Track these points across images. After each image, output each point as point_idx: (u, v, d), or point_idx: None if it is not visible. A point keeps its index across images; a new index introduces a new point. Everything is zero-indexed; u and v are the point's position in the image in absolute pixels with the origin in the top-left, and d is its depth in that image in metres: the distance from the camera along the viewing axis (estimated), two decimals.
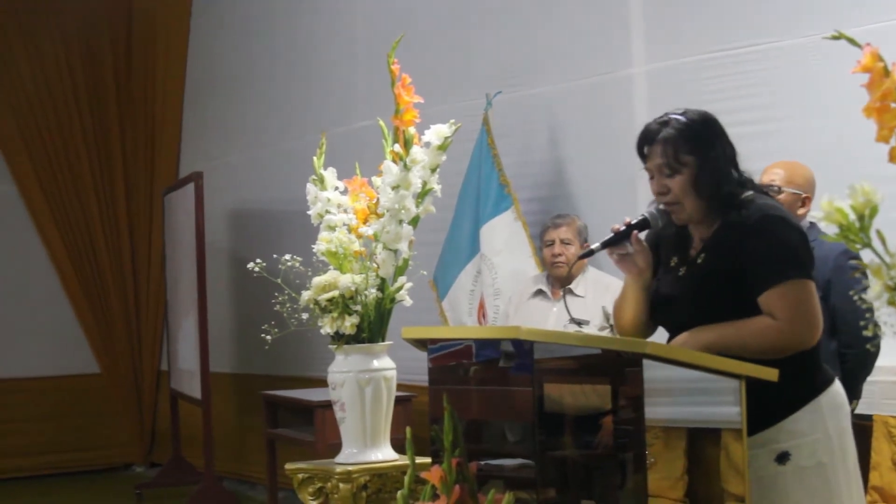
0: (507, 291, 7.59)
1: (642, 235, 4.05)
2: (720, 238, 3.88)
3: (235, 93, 11.89)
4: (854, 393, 5.61)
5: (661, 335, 4.12)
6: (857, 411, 5.78)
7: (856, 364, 5.51)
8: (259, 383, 10.60)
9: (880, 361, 5.56)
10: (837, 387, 3.93)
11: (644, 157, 3.97)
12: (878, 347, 5.44)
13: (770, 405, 3.64)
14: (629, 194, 7.02)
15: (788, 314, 3.72)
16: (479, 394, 4.00)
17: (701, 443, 5.33)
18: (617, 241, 3.99)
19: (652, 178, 3.95)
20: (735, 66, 6.73)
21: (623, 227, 4.00)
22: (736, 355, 3.68)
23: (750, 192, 3.93)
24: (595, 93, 7.74)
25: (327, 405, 8.40)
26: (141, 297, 13.26)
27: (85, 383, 13.05)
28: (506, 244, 7.73)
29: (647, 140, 3.96)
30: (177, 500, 10.41)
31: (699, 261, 3.92)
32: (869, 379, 5.68)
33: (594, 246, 4.02)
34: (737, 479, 3.74)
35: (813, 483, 3.77)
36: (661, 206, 3.99)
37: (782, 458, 3.75)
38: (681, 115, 3.95)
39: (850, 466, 3.88)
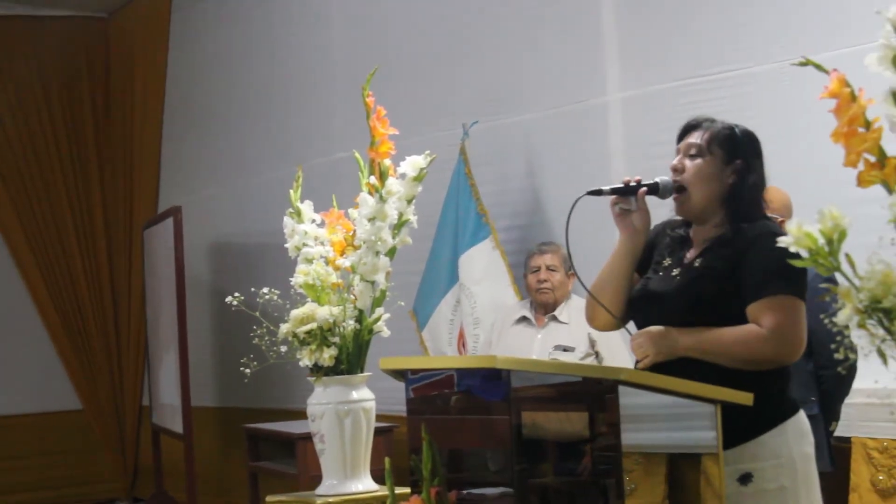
0: (486, 320, 7.61)
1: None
2: (722, 243, 3.91)
3: (213, 125, 11.91)
4: (832, 414, 5.64)
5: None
6: (836, 433, 5.80)
7: (833, 385, 5.54)
8: (241, 416, 10.59)
9: (857, 384, 5.58)
10: (803, 415, 3.95)
11: (680, 140, 4.03)
12: (851, 370, 5.45)
13: (737, 426, 3.65)
14: (603, 223, 7.05)
15: (776, 326, 3.74)
16: (458, 423, 4.01)
17: (681, 468, 5.34)
18: (625, 192, 3.99)
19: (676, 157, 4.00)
20: (708, 93, 6.76)
21: (633, 183, 4.00)
22: (714, 361, 3.73)
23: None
24: (571, 120, 7.76)
25: (309, 437, 8.42)
26: (122, 333, 13.24)
27: (67, 420, 13.02)
28: (484, 273, 7.75)
29: (693, 126, 4.02)
30: None
31: (696, 263, 3.94)
32: (847, 401, 5.71)
33: (604, 188, 4.01)
34: (716, 503, 3.76)
35: None
36: (673, 182, 4.00)
37: (745, 479, 3.78)
38: (733, 123, 4.02)
39: (813, 494, 3.90)
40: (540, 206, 7.91)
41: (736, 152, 3.95)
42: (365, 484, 4.57)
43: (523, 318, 7.16)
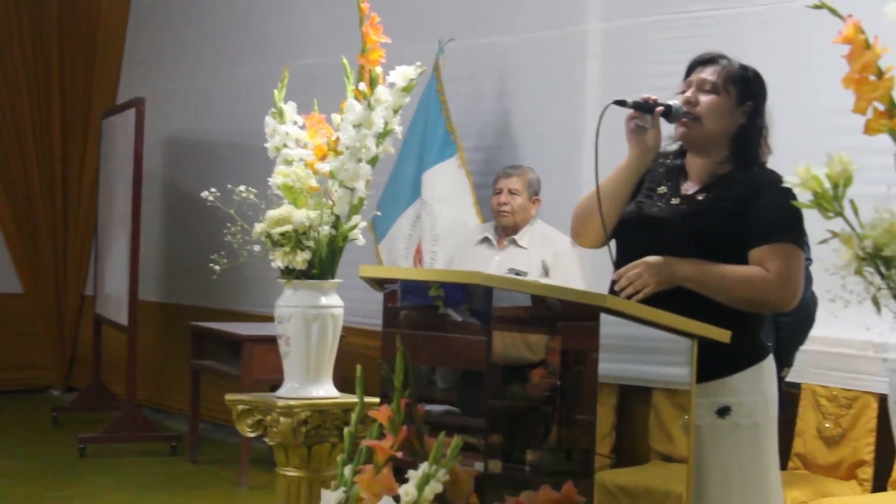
0: (446, 238, 7.62)
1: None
2: (731, 182, 3.93)
3: (183, 19, 11.76)
4: (787, 361, 5.69)
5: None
6: (787, 379, 5.86)
7: (790, 333, 5.58)
8: (186, 314, 10.58)
9: (814, 332, 5.62)
10: (772, 358, 4.02)
11: (690, 74, 4.03)
12: (809, 319, 5.50)
13: (720, 360, 3.70)
14: (574, 150, 7.06)
15: (782, 272, 3.79)
16: (432, 341, 4.01)
17: (631, 400, 5.38)
18: (644, 108, 3.97)
19: (683, 92, 4.00)
20: (692, 30, 6.75)
21: (652, 101, 3.99)
22: (711, 296, 3.77)
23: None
24: (548, 46, 7.74)
25: (256, 339, 8.43)
26: (70, 221, 13.13)
27: (5, 303, 12.91)
28: (448, 191, 7.76)
29: (705, 61, 4.03)
30: (93, 426, 10.34)
31: (700, 197, 3.95)
32: (801, 348, 5.76)
33: (628, 100, 3.98)
34: (663, 437, 3.79)
35: (745, 441, 3.85)
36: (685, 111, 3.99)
37: (723, 411, 3.81)
38: (746, 64, 4.04)
39: (775, 432, 3.99)
40: (509, 128, 7.90)
41: (748, 94, 3.98)
42: (327, 390, 4.56)
43: (486, 239, 7.18)
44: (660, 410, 4.54)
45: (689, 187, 4.00)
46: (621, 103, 3.97)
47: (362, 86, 4.45)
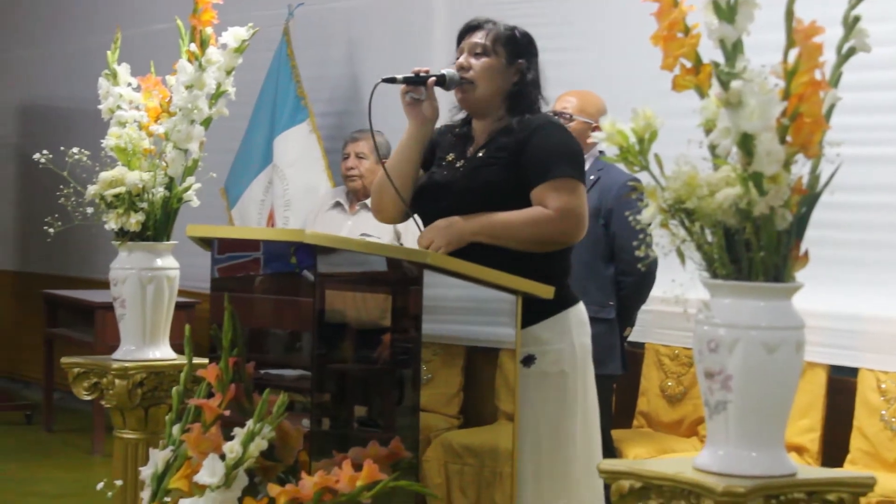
0: (297, 203, 7.63)
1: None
2: (507, 133, 4.01)
3: None
4: (628, 320, 5.78)
5: None
6: (631, 339, 5.95)
7: (632, 291, 5.66)
8: (40, 282, 10.45)
9: (655, 291, 5.70)
10: (582, 306, 4.10)
11: (461, 41, 4.12)
12: (649, 277, 5.57)
13: (523, 310, 3.77)
14: None
15: (561, 206, 3.87)
16: (261, 302, 4.02)
17: (478, 361, 5.43)
18: (416, 81, 4.06)
19: (458, 58, 4.08)
20: None
21: (423, 73, 4.07)
22: (503, 244, 3.85)
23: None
24: (395, 10, 7.76)
25: (109, 306, 8.33)
26: None
27: None
28: (299, 156, 7.76)
29: (472, 28, 4.11)
30: None
31: (480, 154, 4.04)
32: (643, 308, 5.84)
33: (398, 76, 4.07)
34: (509, 397, 3.85)
35: (552, 389, 3.94)
36: (459, 77, 4.07)
37: (528, 360, 3.90)
38: (513, 25, 4.14)
39: (588, 382, 4.06)
40: (359, 93, 7.91)
41: (518, 53, 4.09)
42: (163, 352, 4.57)
43: (338, 204, 7.18)
44: (505, 370, 4.59)
45: (473, 149, 4.10)
46: (391, 80, 4.07)
47: (193, 47, 4.43)
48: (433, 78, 4.04)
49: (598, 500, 4.03)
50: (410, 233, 6.84)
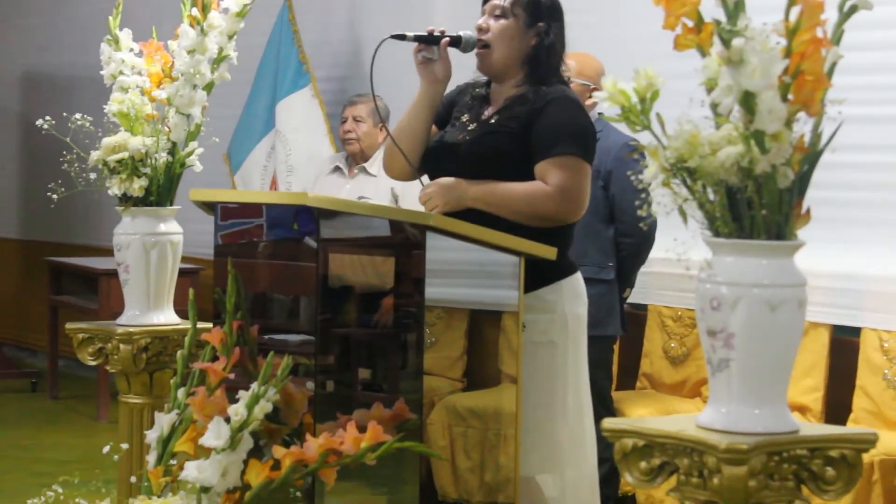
0: (300, 168, 7.63)
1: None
2: (521, 102, 3.99)
3: None
4: (628, 281, 5.77)
5: None
6: (633, 300, 5.95)
7: (631, 253, 5.65)
8: (44, 250, 10.46)
9: (656, 253, 5.70)
10: (579, 277, 4.07)
11: (485, 2, 4.08)
12: (648, 239, 5.56)
13: None
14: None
15: (561, 184, 3.85)
16: (265, 267, 4.02)
17: (481, 324, 5.44)
18: (429, 41, 4.04)
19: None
20: None
21: (438, 33, 4.05)
22: (499, 214, 3.85)
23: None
24: None
25: (113, 273, 8.35)
26: None
27: None
28: (302, 121, 7.77)
29: None
30: None
31: (492, 120, 4.02)
32: (645, 270, 5.84)
33: (408, 34, 4.05)
34: (513, 360, 3.85)
35: (541, 358, 3.94)
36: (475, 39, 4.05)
37: None
38: None
39: (580, 352, 4.04)
40: (360, 58, 7.89)
41: (538, 16, 4.05)
42: (167, 316, 4.57)
43: (337, 168, 7.18)
44: (508, 333, 4.60)
45: (487, 113, 4.07)
46: (400, 37, 4.05)
47: (195, 11, 4.43)
48: (447, 38, 4.02)
49: (588, 472, 4.04)
50: (409, 196, 6.84)
